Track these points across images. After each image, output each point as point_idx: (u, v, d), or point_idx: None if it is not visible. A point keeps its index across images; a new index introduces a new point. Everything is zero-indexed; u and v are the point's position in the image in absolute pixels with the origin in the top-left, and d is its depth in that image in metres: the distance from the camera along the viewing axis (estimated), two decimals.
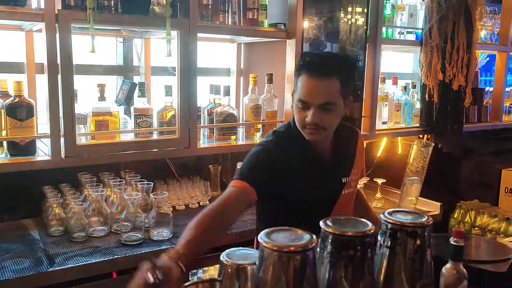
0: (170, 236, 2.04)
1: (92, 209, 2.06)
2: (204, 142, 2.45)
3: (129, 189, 2.20)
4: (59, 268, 1.75)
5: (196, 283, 0.81)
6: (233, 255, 0.90)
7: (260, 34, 2.53)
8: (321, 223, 0.90)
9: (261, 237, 0.82)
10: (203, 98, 2.51)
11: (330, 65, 1.51)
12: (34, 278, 1.70)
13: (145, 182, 2.18)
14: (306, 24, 2.49)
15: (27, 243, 1.96)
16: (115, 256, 1.85)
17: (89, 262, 1.80)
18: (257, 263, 0.82)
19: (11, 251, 1.87)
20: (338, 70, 1.51)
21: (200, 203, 2.49)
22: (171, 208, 2.25)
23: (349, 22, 2.68)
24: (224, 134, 2.44)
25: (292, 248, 0.78)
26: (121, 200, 2.11)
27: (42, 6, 1.88)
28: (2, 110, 1.90)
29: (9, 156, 1.94)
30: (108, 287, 1.87)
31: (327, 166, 1.66)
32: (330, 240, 0.88)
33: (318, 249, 0.89)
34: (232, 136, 2.48)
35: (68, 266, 1.77)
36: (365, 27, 2.73)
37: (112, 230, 2.08)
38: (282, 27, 2.51)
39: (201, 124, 2.42)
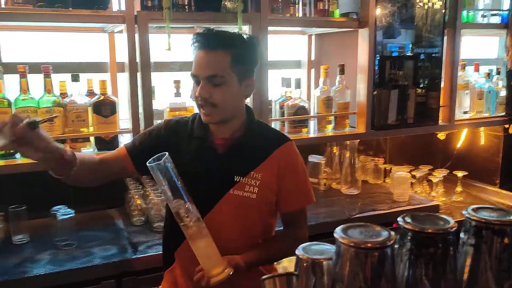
0: None
1: None
2: None
3: None
4: (142, 255, 1.86)
5: (273, 277, 0.82)
6: (309, 250, 0.91)
7: (332, 25, 2.48)
8: (399, 219, 0.87)
9: (337, 232, 0.81)
10: (274, 91, 2.52)
11: (217, 37, 1.44)
12: (120, 264, 1.82)
13: None
14: (378, 11, 2.41)
15: (113, 232, 2.11)
16: None
17: None
18: (333, 258, 0.82)
19: (99, 238, 2.02)
20: (226, 43, 1.42)
21: None
22: None
23: (426, 6, 2.55)
24: (295, 127, 2.44)
25: (369, 245, 0.77)
26: None
27: (122, 8, 1.98)
28: (89, 108, 2.04)
29: (96, 150, 2.08)
30: None
31: (219, 157, 1.52)
32: (409, 237, 0.85)
33: (396, 246, 0.87)
34: (303, 129, 2.47)
35: (150, 254, 1.87)
36: (443, 11, 2.59)
37: None
38: (354, 16, 2.45)
39: (273, 118, 2.44)
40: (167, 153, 1.32)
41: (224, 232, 1.48)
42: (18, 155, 1.98)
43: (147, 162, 1.30)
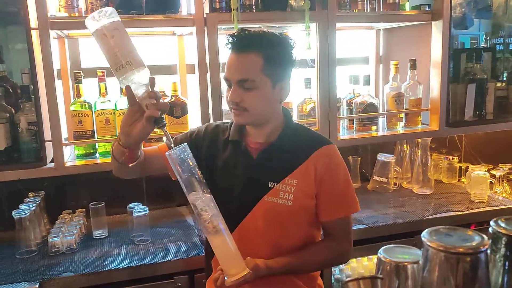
0: None
1: None
2: (344, 133, 2.42)
3: None
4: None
5: (357, 279, 0.80)
6: (391, 252, 0.88)
7: (402, 19, 2.39)
8: (491, 222, 0.82)
9: (425, 236, 0.77)
10: (342, 89, 2.47)
11: (249, 39, 1.34)
12: (191, 260, 1.87)
13: None
14: (452, 2, 2.29)
15: (184, 229, 2.17)
16: None
17: None
18: (420, 262, 0.78)
19: (171, 235, 2.08)
20: (258, 45, 1.34)
21: None
22: None
23: None
24: (364, 124, 2.38)
25: (461, 250, 0.73)
26: None
27: (192, 11, 2.03)
28: None
29: None
30: None
31: (253, 163, 1.45)
32: (503, 242, 0.80)
33: (489, 251, 0.81)
34: (372, 127, 2.40)
35: None
36: None
37: None
38: (427, 9, 2.34)
39: (341, 115, 2.39)
40: (185, 144, 1.27)
41: (257, 239, 1.43)
42: (97, 155, 2.10)
43: (166, 152, 1.26)
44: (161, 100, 1.29)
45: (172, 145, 1.26)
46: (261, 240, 1.44)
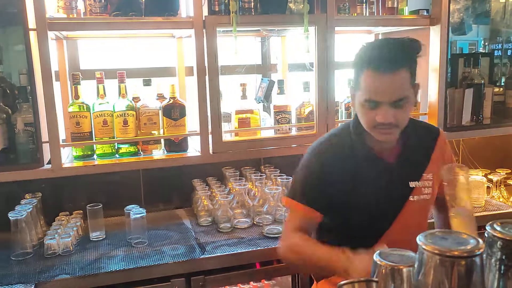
0: None
1: (236, 201, 2.18)
2: None
3: (269, 183, 2.28)
4: (210, 255, 1.89)
5: (352, 282, 0.80)
6: (387, 255, 0.88)
7: (401, 23, 2.40)
8: (487, 226, 0.81)
9: (420, 239, 0.77)
10: (340, 92, 2.47)
11: (398, 55, 1.29)
12: (188, 263, 1.86)
13: (284, 177, 2.23)
14: (450, 7, 2.29)
15: (181, 231, 2.16)
16: (259, 248, 1.93)
17: (235, 252, 1.90)
18: (415, 265, 0.78)
19: (168, 238, 2.08)
20: (407, 60, 1.31)
21: None
22: None
23: (502, 0, 2.40)
24: None
25: (456, 253, 0.73)
26: (262, 194, 2.19)
27: (191, 14, 2.04)
28: (160, 111, 2.11)
29: (165, 152, 2.15)
30: (252, 277, 1.97)
31: (392, 167, 1.46)
32: (499, 246, 0.79)
33: (484, 255, 0.81)
34: None
35: (217, 254, 1.90)
36: None
37: (255, 222, 2.18)
38: (425, 13, 2.35)
39: (339, 119, 2.39)
40: None
41: (411, 238, 1.42)
42: (95, 157, 2.10)
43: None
44: None
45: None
46: (413, 236, 1.45)
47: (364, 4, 2.31)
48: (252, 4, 2.08)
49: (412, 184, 1.47)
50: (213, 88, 2.05)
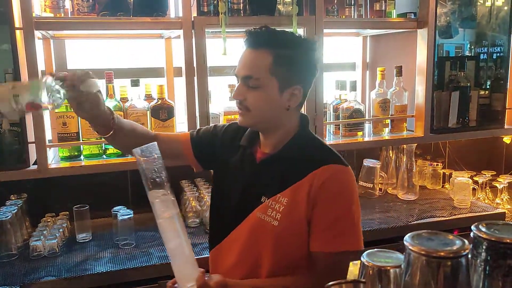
0: None
1: None
2: (330, 138, 2.44)
3: None
4: (198, 257, 1.86)
5: (339, 283, 0.80)
6: (373, 256, 0.88)
7: (389, 26, 2.42)
8: (473, 227, 0.82)
9: (407, 240, 0.78)
10: (329, 94, 2.48)
11: (263, 35, 1.26)
12: None
13: None
14: (437, 11, 2.32)
15: None
16: None
17: None
18: (402, 266, 0.78)
19: (156, 239, 2.06)
20: (270, 42, 1.25)
21: None
22: None
23: (487, 3, 2.44)
24: (350, 130, 2.40)
25: (442, 254, 0.73)
26: None
27: (180, 14, 2.03)
28: (148, 112, 2.10)
29: None
30: None
31: (253, 171, 1.37)
32: (484, 247, 0.80)
33: (469, 256, 0.82)
34: (358, 132, 2.42)
35: (205, 256, 1.89)
36: (505, 7, 2.46)
37: None
38: (412, 16, 2.37)
39: (327, 121, 2.40)
40: (155, 142, 1.21)
41: (236, 255, 1.34)
42: (82, 157, 2.08)
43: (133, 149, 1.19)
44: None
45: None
46: (240, 257, 1.34)
47: (352, 7, 2.33)
48: (241, 5, 2.08)
49: (263, 198, 1.30)
50: (201, 89, 2.04)
